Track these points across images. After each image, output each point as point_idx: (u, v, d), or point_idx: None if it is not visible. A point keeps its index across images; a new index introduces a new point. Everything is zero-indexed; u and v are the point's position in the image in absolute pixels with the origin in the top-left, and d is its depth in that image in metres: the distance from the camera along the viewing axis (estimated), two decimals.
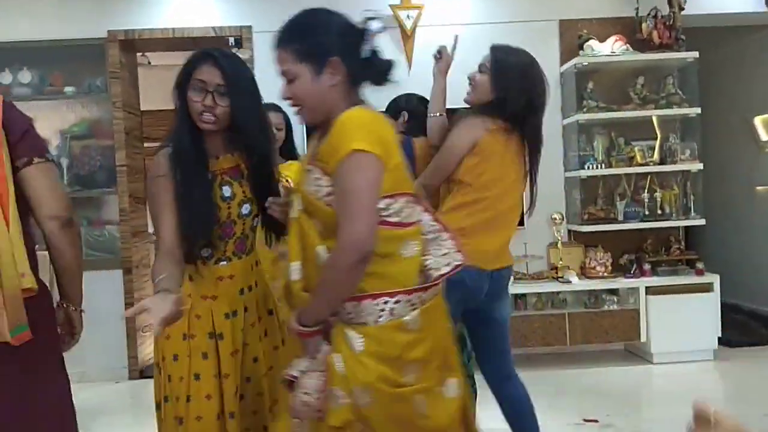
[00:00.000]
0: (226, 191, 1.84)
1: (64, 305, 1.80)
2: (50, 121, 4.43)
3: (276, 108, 2.80)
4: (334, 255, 1.47)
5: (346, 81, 1.55)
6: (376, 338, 1.50)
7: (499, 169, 2.27)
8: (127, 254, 4.38)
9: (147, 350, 4.56)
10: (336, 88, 1.54)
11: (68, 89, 4.38)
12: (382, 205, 1.50)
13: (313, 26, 1.55)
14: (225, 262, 1.85)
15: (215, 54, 1.80)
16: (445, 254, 1.60)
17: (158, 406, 1.90)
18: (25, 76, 4.35)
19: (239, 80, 1.80)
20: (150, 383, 1.95)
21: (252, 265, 1.94)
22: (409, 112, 2.70)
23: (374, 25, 1.55)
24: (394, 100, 2.76)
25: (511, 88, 2.24)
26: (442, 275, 1.58)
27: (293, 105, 1.59)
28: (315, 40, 1.53)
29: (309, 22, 1.56)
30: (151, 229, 5.42)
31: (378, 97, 1.70)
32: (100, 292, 4.33)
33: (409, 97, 2.76)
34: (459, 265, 1.61)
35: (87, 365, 4.31)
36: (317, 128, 1.64)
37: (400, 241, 1.53)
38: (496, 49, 2.33)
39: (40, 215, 1.66)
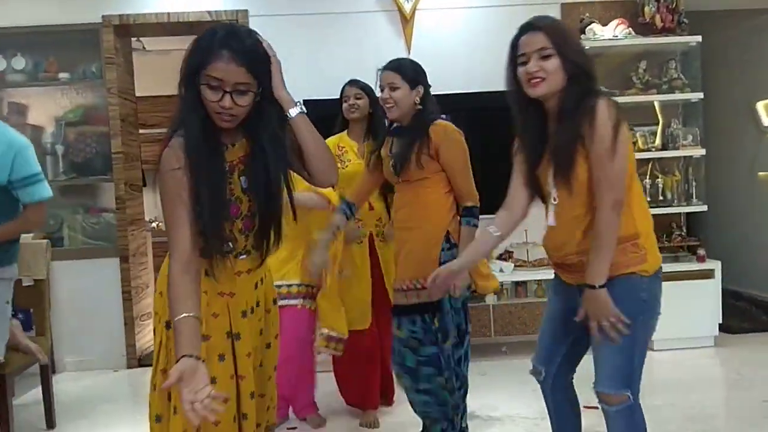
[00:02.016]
0: (245, 182, 1.67)
1: None
2: (45, 107, 4.40)
3: None
4: None
5: None
6: None
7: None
8: (123, 242, 4.35)
9: (145, 338, 4.54)
10: None
11: (63, 75, 4.33)
12: None
13: None
14: (244, 256, 1.73)
15: (233, 45, 1.51)
16: None
17: (158, 419, 1.71)
18: (20, 62, 4.30)
19: (260, 72, 1.57)
20: (148, 371, 1.89)
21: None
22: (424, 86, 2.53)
23: None
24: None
25: (579, 53, 1.87)
26: None
27: None
28: None
29: None
30: (147, 217, 5.41)
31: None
32: (97, 281, 4.33)
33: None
34: None
35: (85, 353, 4.30)
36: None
37: None
38: (537, 23, 1.87)
39: None
